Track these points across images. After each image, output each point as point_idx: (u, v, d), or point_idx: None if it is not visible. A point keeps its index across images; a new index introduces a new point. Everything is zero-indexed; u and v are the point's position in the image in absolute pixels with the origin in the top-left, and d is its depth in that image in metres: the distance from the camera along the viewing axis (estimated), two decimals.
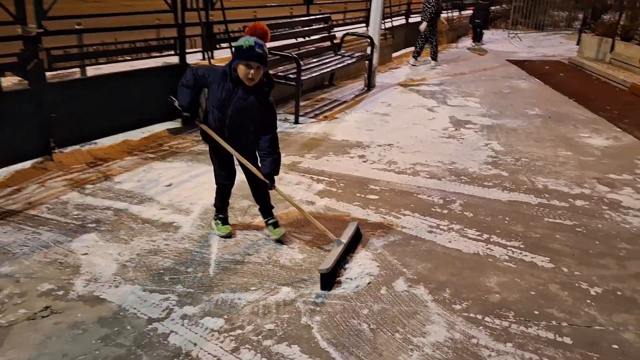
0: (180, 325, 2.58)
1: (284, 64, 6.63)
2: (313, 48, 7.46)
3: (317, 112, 6.69)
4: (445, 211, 3.92)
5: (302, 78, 6.15)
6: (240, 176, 3.43)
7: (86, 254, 3.15)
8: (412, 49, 10.62)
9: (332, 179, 4.44)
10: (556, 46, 14.35)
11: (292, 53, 6.62)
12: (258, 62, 2.96)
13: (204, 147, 5.19)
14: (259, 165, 3.22)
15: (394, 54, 11.06)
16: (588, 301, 2.91)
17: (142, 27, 6.05)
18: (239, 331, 2.56)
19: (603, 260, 3.35)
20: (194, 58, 5.96)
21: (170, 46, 5.82)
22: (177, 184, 4.26)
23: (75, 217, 3.61)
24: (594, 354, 2.49)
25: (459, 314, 2.73)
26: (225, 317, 2.65)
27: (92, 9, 6.08)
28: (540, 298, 2.91)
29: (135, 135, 5.39)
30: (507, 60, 11.43)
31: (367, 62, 7.92)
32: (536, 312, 2.78)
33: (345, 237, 3.21)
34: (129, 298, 2.76)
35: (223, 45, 6.33)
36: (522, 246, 3.46)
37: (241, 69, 2.97)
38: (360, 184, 4.35)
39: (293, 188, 4.23)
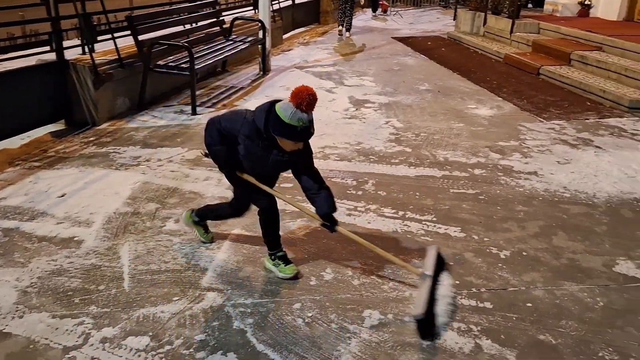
0: (102, 349, 2.37)
1: (173, 54, 6.28)
2: (203, 35, 7.15)
3: (215, 100, 6.45)
4: (360, 192, 3.98)
5: (197, 67, 5.87)
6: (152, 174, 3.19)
7: None
8: (303, 29, 10.66)
9: None
10: (434, 22, 15.11)
11: (182, 41, 6.30)
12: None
13: (96, 150, 4.81)
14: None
15: (284, 36, 10.97)
16: (500, 265, 3.12)
17: (11, 23, 5.39)
18: (167, 347, 2.40)
19: (506, 224, 3.60)
20: (73, 53, 5.43)
21: (44, 42, 5.25)
22: (71, 194, 3.89)
23: None
24: (513, 314, 2.68)
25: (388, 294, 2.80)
26: (150, 333, 2.48)
27: None
28: (458, 267, 3.07)
29: (14, 142, 4.85)
30: (392, 37, 11.81)
31: (260, 46, 7.76)
32: (457, 282, 2.93)
33: (429, 269, 2.64)
34: (38, 328, 2.48)
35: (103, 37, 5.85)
36: (434, 219, 3.62)
37: (287, 144, 2.60)
38: None
39: (202, 185, 4.05)
